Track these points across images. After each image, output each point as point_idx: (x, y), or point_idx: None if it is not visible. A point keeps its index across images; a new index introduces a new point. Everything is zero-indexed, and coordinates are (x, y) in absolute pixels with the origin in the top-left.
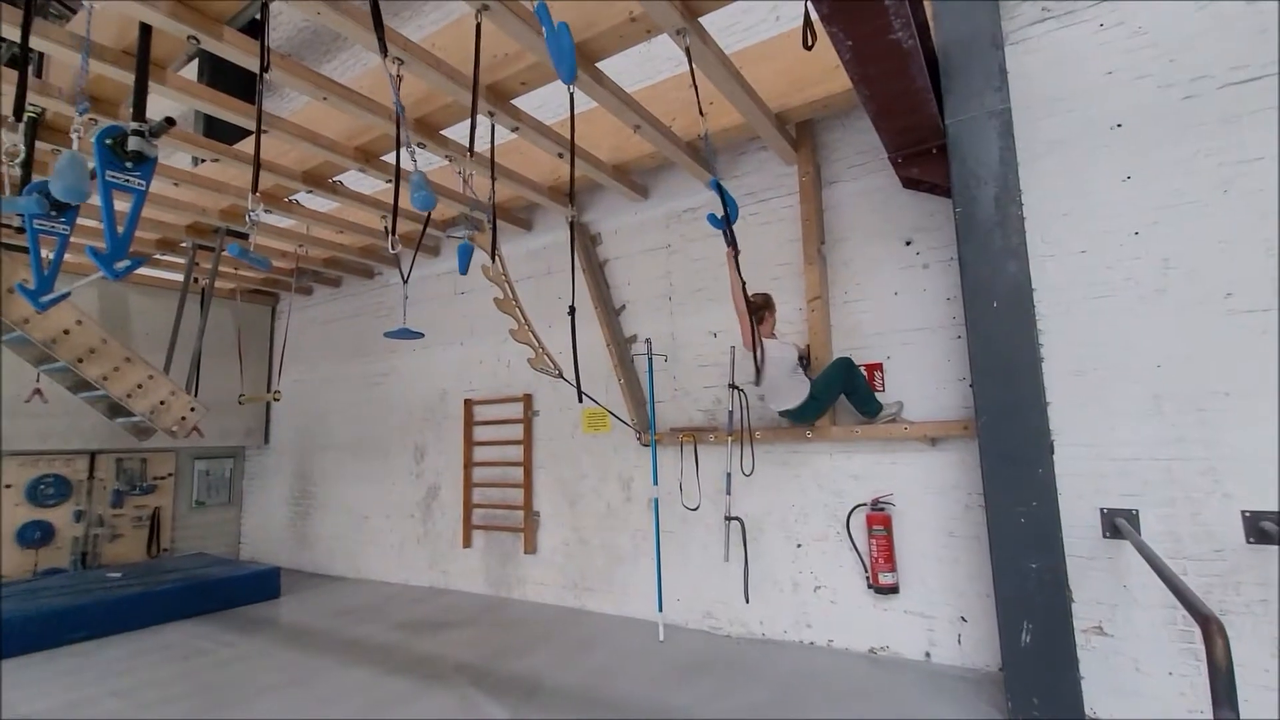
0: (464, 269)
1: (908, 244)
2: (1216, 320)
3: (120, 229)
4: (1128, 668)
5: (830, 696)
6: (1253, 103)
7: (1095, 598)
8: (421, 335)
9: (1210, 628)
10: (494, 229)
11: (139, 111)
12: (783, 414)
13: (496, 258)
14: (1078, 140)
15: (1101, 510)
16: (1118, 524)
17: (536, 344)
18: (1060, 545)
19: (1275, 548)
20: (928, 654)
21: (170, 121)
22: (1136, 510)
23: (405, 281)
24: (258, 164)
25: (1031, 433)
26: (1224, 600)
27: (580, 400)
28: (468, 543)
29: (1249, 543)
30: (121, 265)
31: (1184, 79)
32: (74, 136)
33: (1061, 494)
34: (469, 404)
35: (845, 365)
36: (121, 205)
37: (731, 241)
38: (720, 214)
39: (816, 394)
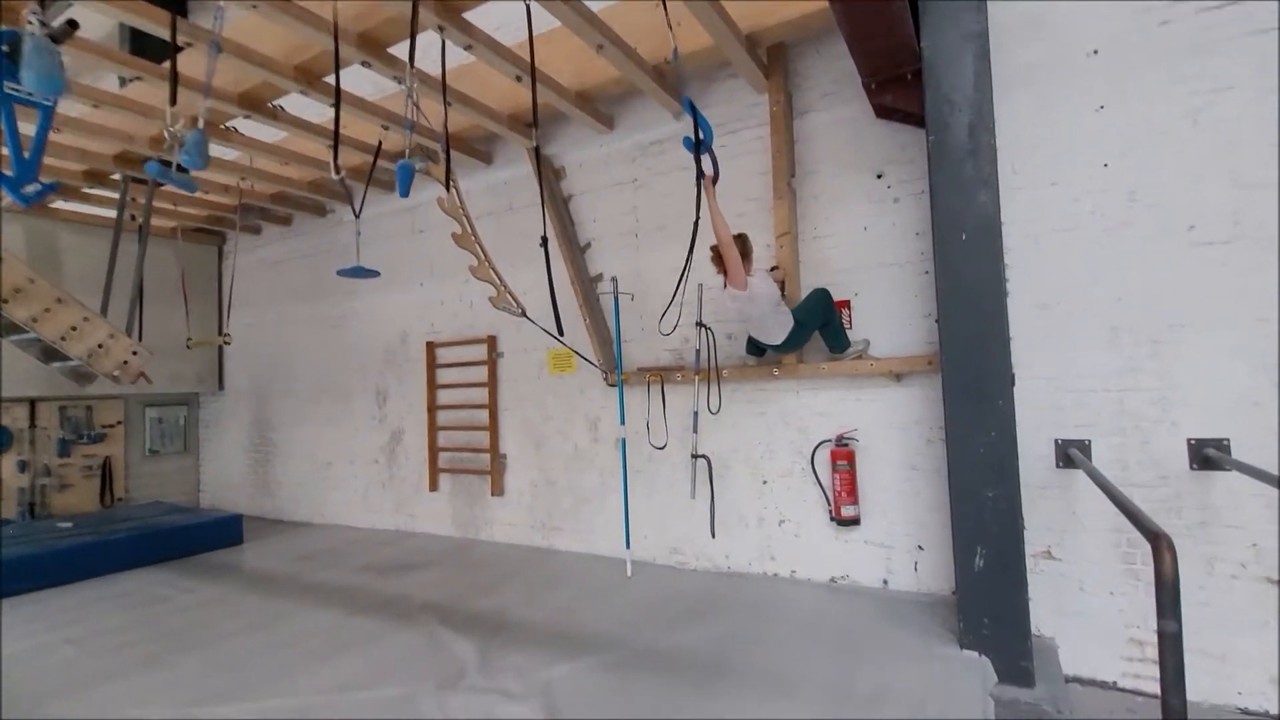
0: (404, 191)
1: (879, 177)
2: (1178, 253)
3: (27, 151)
4: (1072, 589)
5: (789, 622)
6: (1226, 29)
7: (1046, 524)
8: (377, 274)
9: (1160, 544)
10: (447, 157)
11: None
12: (772, 348)
13: (452, 189)
14: (1053, 67)
15: (1056, 441)
16: (1071, 454)
17: (498, 282)
18: (1016, 475)
19: (1217, 473)
20: (885, 581)
21: (73, 25)
22: (1089, 441)
23: (357, 216)
24: (174, 70)
25: (994, 366)
26: (1166, 524)
27: (560, 334)
28: (434, 486)
29: (1192, 469)
30: (31, 190)
31: (1160, 4)
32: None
33: (1020, 426)
34: (431, 346)
35: (825, 294)
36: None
37: (709, 168)
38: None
39: (802, 320)
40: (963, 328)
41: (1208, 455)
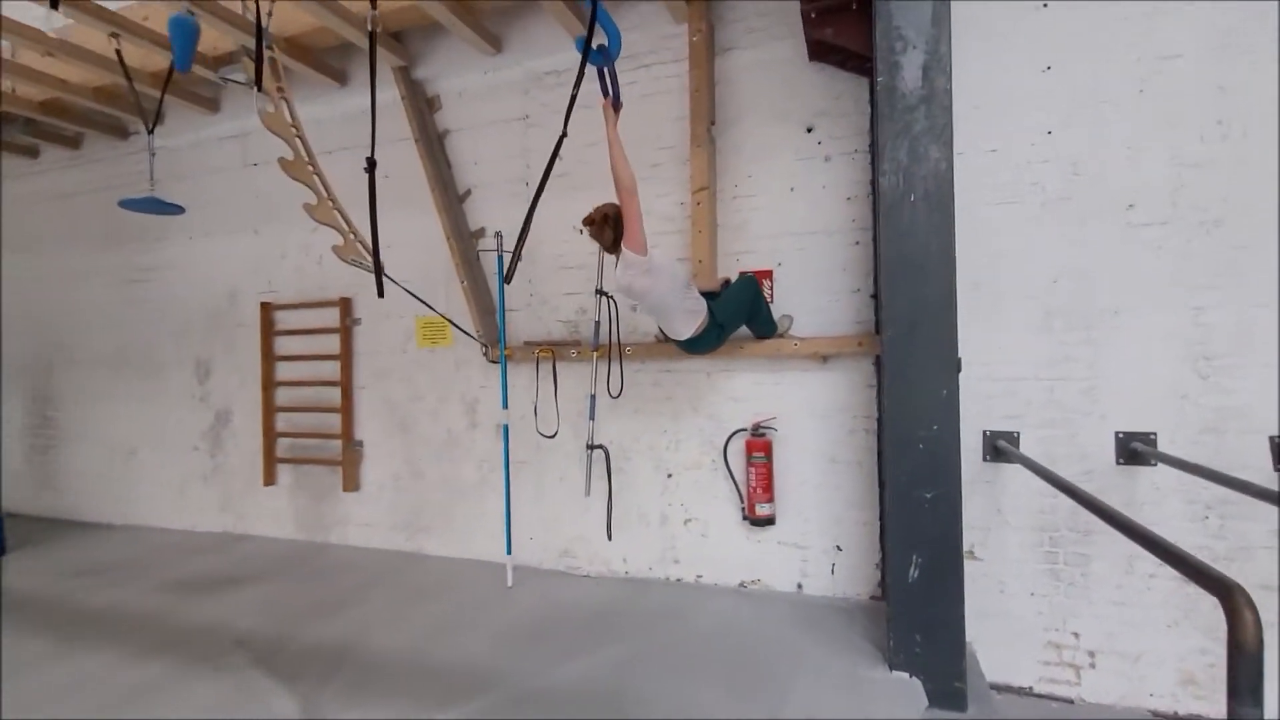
0: (181, 63)
1: (809, 131)
2: (1116, 233)
3: None
4: (994, 590)
5: (697, 639)
6: None
7: (970, 522)
8: (179, 210)
9: (1235, 600)
10: (259, 49)
11: None
12: (678, 345)
13: (280, 99)
14: (1001, 20)
15: (985, 433)
16: (999, 446)
17: (344, 225)
18: (958, 474)
19: (1142, 468)
20: (799, 585)
21: None
22: (1018, 433)
23: (150, 131)
24: None
25: (940, 350)
26: (1090, 521)
27: (380, 294)
28: (270, 479)
29: (1119, 463)
30: None
31: None
32: None
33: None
34: (267, 309)
35: (754, 286)
36: None
37: (610, 91)
38: (600, 46)
39: (722, 319)
40: (907, 305)
41: (1134, 449)
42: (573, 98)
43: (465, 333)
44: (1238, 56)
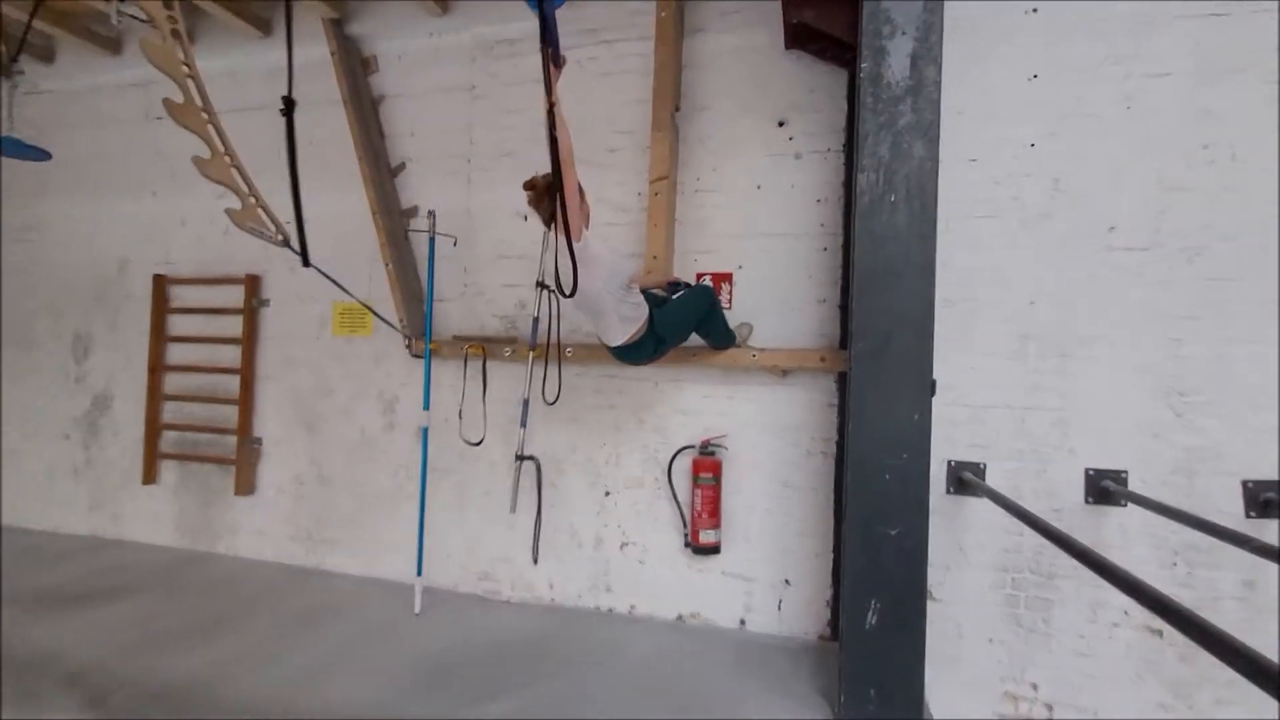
0: None
1: (780, 125)
2: (1095, 256)
3: None
4: (951, 633)
5: (626, 683)
6: (1169, 6)
7: (930, 559)
8: (44, 155)
9: None
10: None
11: None
12: (612, 351)
13: (173, 35)
14: (987, 21)
15: (949, 462)
16: (964, 478)
17: (242, 186)
18: (925, 510)
19: (1111, 508)
20: (743, 621)
21: None
22: (984, 464)
23: (14, 59)
24: None
25: (914, 368)
26: (1054, 563)
27: (305, 262)
28: (151, 477)
29: (1087, 502)
30: None
31: None
32: None
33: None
34: (161, 282)
35: (708, 298)
36: None
37: (554, 50)
38: None
39: (662, 332)
40: (881, 317)
41: (1104, 487)
42: (544, 52)
43: (386, 322)
44: (1226, 78)
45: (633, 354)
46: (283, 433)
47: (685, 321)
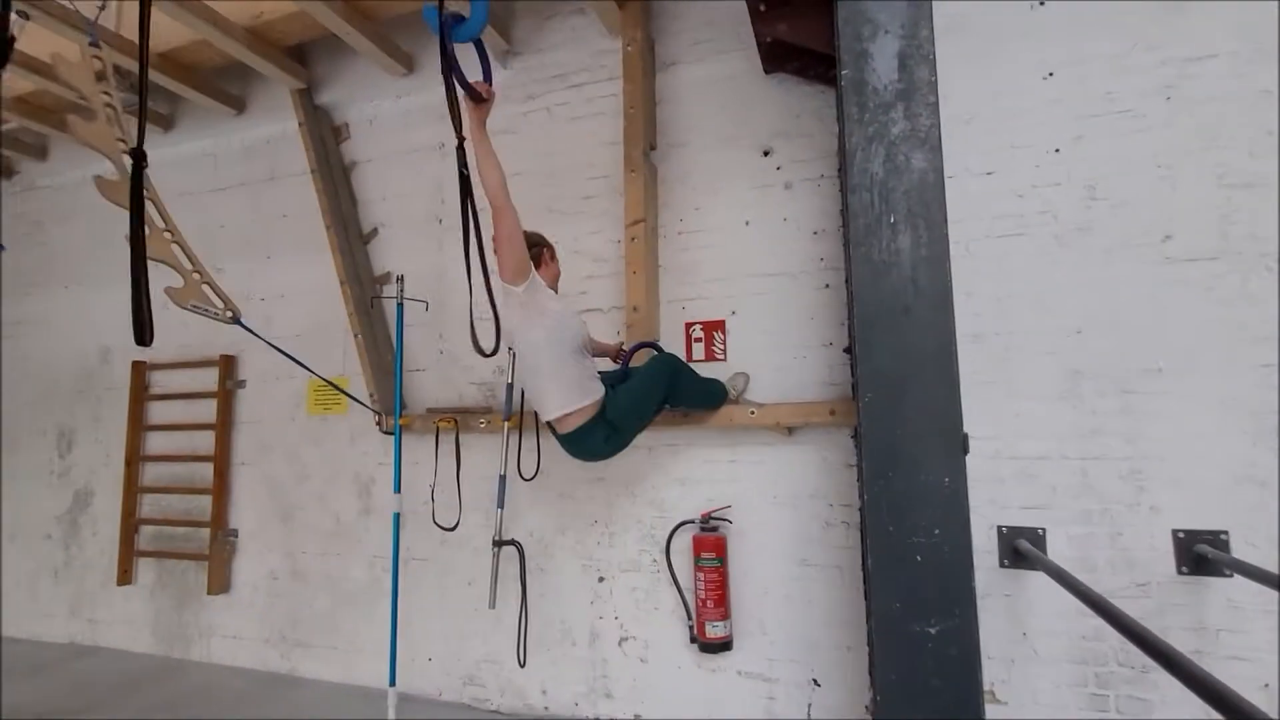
0: None
1: (765, 154)
2: (1151, 271)
3: None
4: None
5: None
6: None
7: (985, 649)
8: None
9: None
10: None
11: None
12: (558, 439)
13: (106, 105)
14: (990, 19)
15: (999, 529)
16: (1019, 547)
17: (184, 263)
18: (972, 598)
19: (1213, 579)
20: None
21: None
22: (1043, 530)
23: None
24: None
25: (940, 420)
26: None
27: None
28: (126, 577)
29: (1180, 573)
30: None
31: None
32: None
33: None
34: (140, 369)
35: (669, 370)
36: None
37: (464, 84)
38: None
39: (615, 418)
40: (889, 361)
41: (1200, 553)
42: (449, 86)
43: (352, 397)
44: None
45: (582, 445)
46: (257, 524)
47: (644, 402)
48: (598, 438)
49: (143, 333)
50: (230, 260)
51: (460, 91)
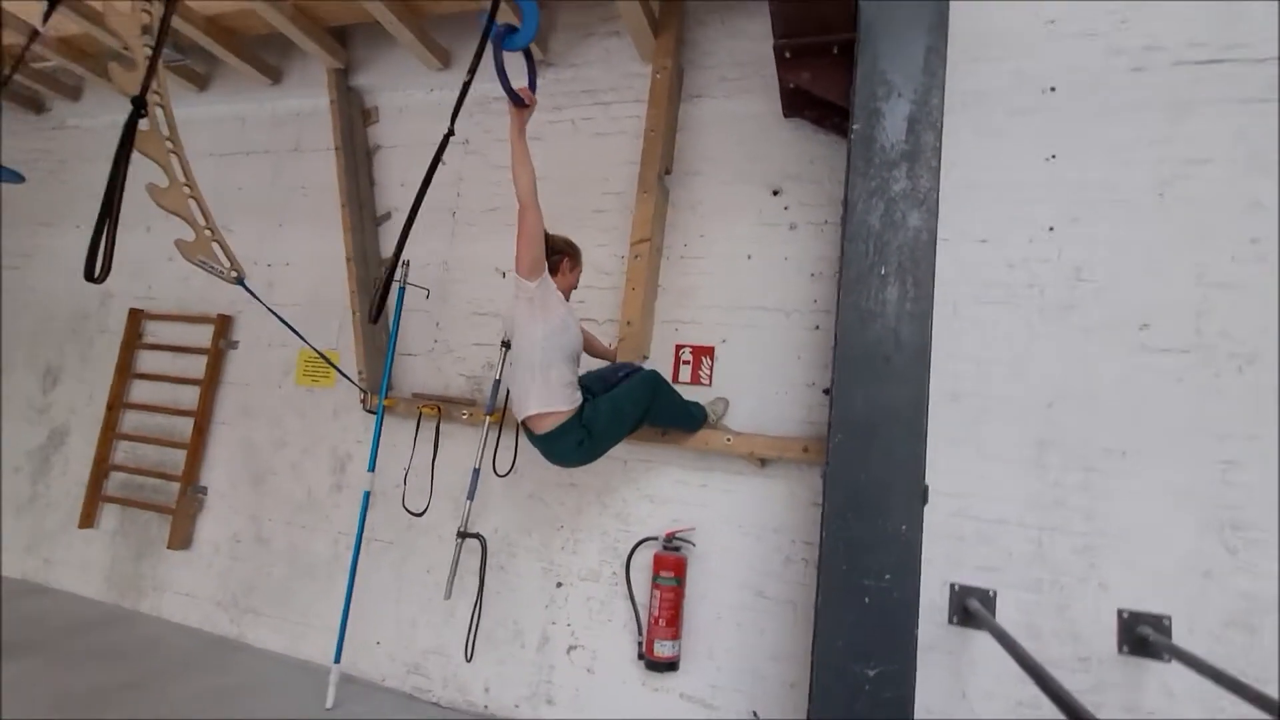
0: None
1: (775, 194)
2: (1126, 356)
3: None
4: None
5: None
6: (1208, 89)
7: (926, 706)
8: (18, 178)
9: None
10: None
11: None
12: (531, 440)
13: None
14: (1002, 97)
15: (953, 586)
16: (970, 607)
17: (197, 218)
18: (913, 645)
19: (1152, 662)
20: None
21: None
22: (994, 591)
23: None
24: None
25: (903, 467)
26: None
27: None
28: (89, 520)
29: (1121, 653)
30: None
31: (1135, 46)
32: None
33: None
34: (136, 316)
35: (650, 386)
36: None
37: (511, 88)
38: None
39: (589, 421)
40: (864, 406)
41: (1142, 636)
42: (465, 86)
43: (341, 373)
44: (1276, 169)
45: (554, 446)
46: (228, 484)
47: (623, 415)
48: (570, 441)
49: (93, 267)
50: (241, 222)
51: (506, 95)
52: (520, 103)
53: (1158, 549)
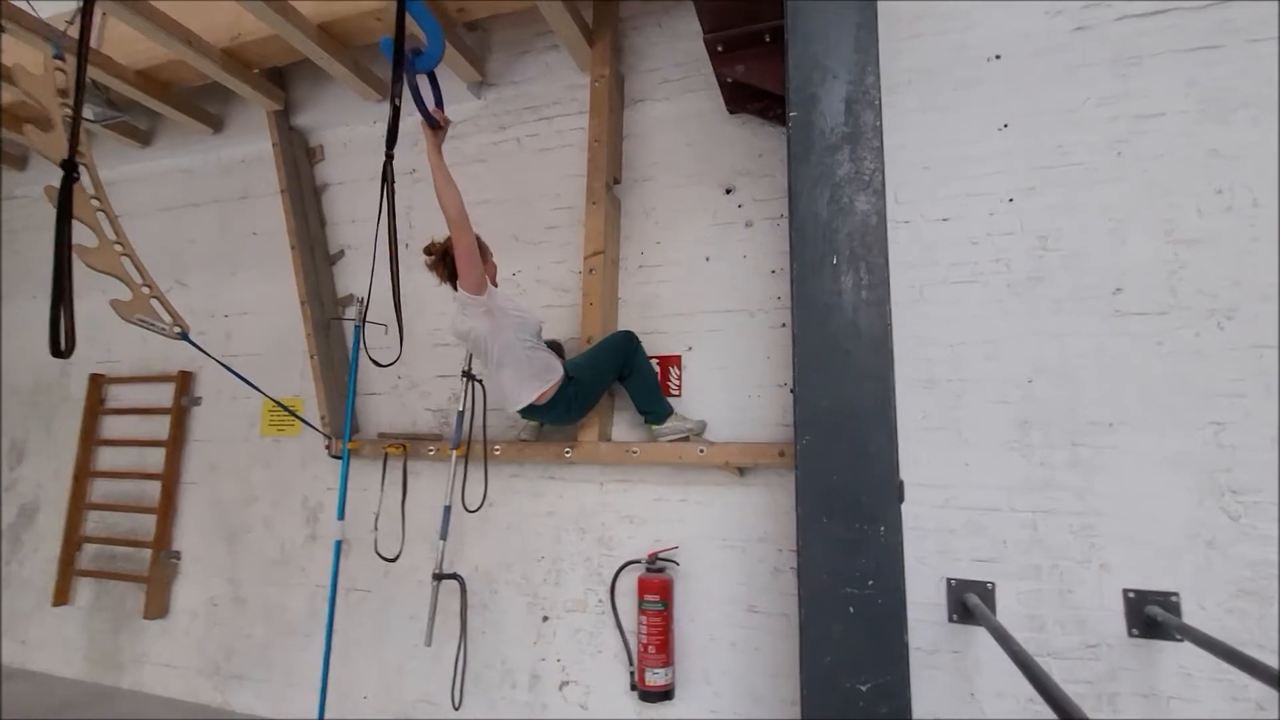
0: None
1: (728, 192)
2: (1101, 324)
3: None
4: None
5: None
6: (1153, 41)
7: (932, 709)
8: None
9: None
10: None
11: None
12: (525, 415)
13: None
14: (947, 71)
15: (948, 582)
16: (968, 602)
17: (131, 276)
18: (904, 653)
19: (1165, 643)
20: None
21: None
22: (992, 584)
23: None
24: None
25: (873, 466)
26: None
27: (184, 336)
28: (64, 597)
29: (1131, 635)
30: None
31: (1076, 5)
32: None
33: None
34: (99, 382)
35: (623, 337)
36: None
37: (423, 104)
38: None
39: (578, 375)
40: (827, 404)
41: (1151, 616)
42: (394, 110)
43: (303, 420)
44: (1231, 114)
45: (554, 407)
46: (202, 546)
47: (602, 362)
48: (568, 394)
49: (58, 343)
50: (197, 276)
51: (420, 118)
52: (435, 124)
53: (1157, 522)
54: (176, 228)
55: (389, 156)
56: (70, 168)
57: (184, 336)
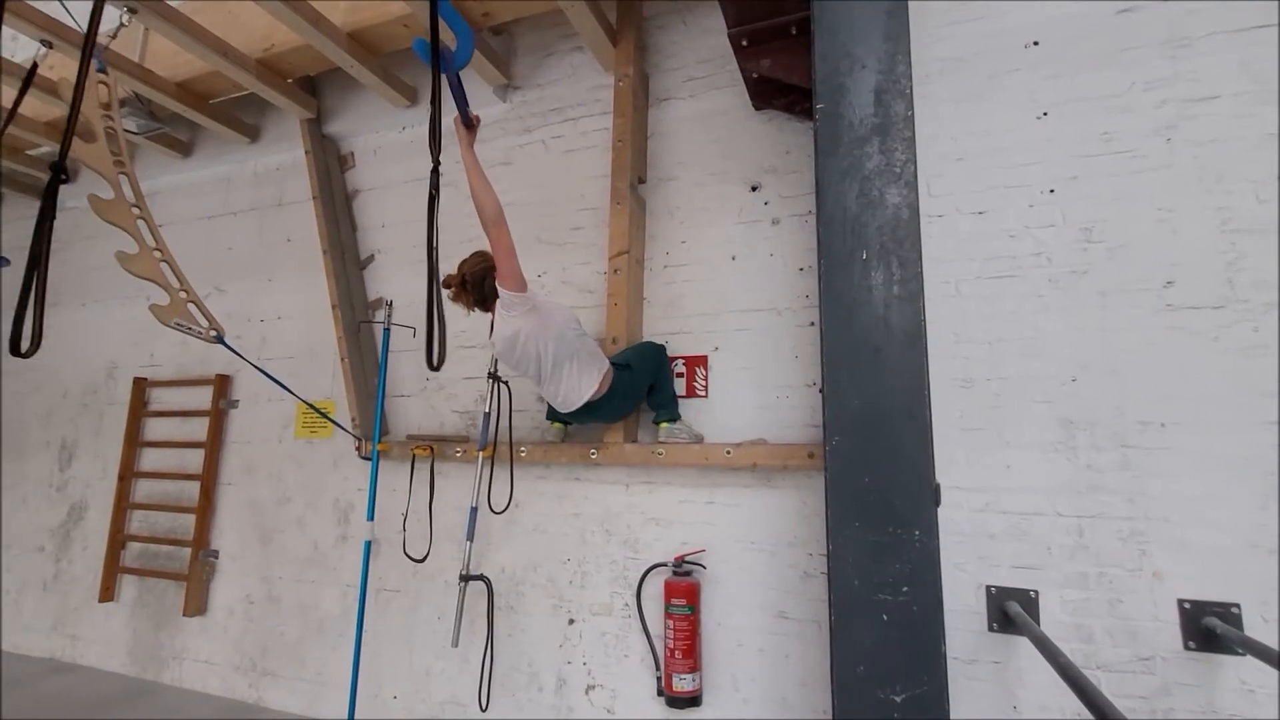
0: None
1: (754, 189)
2: (1151, 319)
3: None
4: None
5: None
6: (1203, 22)
7: None
8: (4, 261)
9: None
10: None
11: None
12: (585, 414)
13: (106, 129)
14: (982, 60)
15: (988, 590)
16: (1009, 611)
17: (170, 281)
18: (943, 664)
19: (1224, 657)
20: None
21: None
22: (1035, 591)
23: None
24: None
25: (907, 468)
26: None
27: (220, 340)
28: (109, 594)
29: (1188, 648)
30: None
31: None
32: None
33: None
34: (141, 385)
35: (658, 353)
36: None
37: (466, 106)
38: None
39: (627, 360)
40: (858, 405)
41: (1210, 628)
42: (434, 116)
43: (334, 422)
44: None
45: (607, 407)
46: (240, 546)
47: (644, 354)
48: (624, 381)
49: (16, 342)
50: (233, 282)
51: (457, 117)
52: (470, 123)
53: (1214, 528)
54: (215, 235)
55: (435, 162)
56: (58, 169)
57: (219, 339)
